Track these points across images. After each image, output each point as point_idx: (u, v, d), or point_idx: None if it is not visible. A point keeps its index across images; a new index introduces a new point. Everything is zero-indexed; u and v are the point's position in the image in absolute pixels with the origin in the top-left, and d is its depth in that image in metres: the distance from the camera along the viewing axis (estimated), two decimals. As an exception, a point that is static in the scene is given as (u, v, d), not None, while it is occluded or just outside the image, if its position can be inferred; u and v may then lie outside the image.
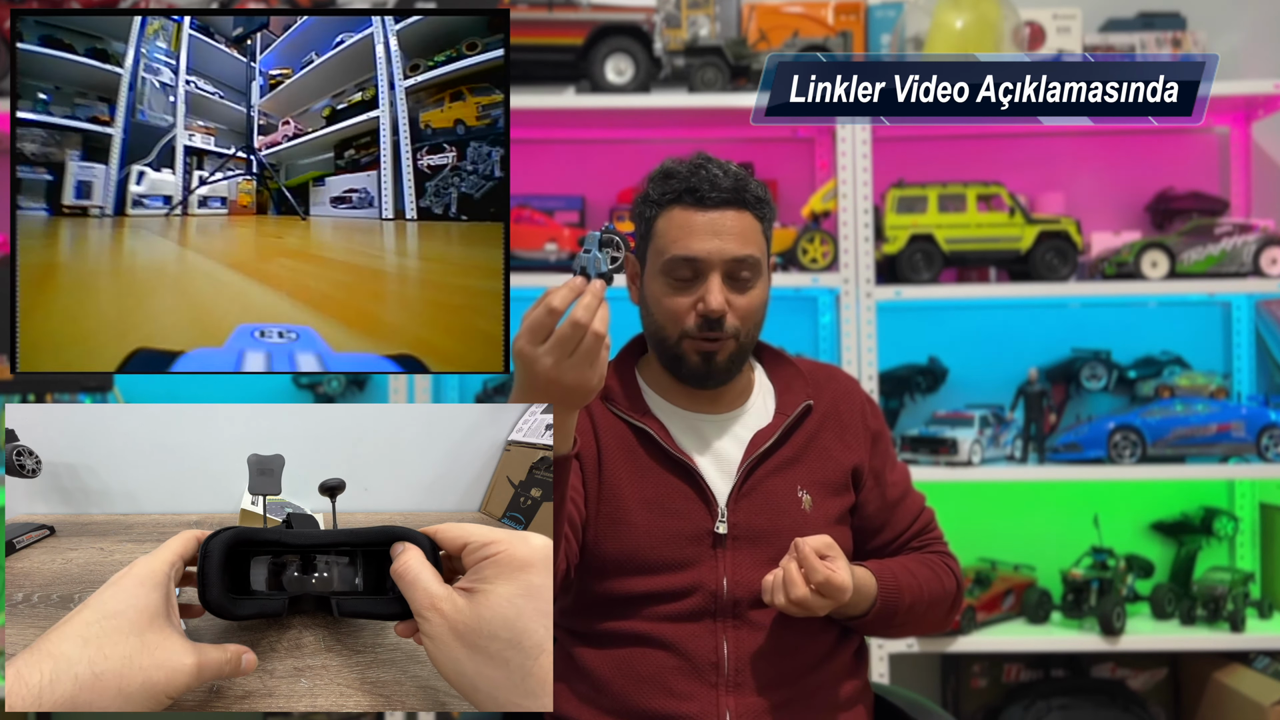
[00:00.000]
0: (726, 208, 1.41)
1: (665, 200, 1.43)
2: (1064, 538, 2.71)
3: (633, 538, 1.40)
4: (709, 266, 1.40)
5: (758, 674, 1.37)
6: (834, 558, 1.33)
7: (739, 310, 1.41)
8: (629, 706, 1.37)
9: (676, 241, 1.41)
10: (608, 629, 1.41)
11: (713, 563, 1.39)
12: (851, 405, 1.53)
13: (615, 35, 2.54)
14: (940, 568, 1.52)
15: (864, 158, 2.51)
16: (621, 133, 2.80)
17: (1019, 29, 2.57)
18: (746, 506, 1.41)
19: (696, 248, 1.39)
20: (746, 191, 1.42)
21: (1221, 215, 2.68)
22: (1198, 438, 2.48)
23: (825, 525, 1.43)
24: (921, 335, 2.78)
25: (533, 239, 2.54)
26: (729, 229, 1.40)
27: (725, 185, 1.41)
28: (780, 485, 1.43)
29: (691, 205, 1.41)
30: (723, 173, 1.42)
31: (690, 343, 1.42)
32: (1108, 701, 2.58)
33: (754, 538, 1.40)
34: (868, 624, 1.44)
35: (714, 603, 1.38)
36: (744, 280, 1.41)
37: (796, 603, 1.30)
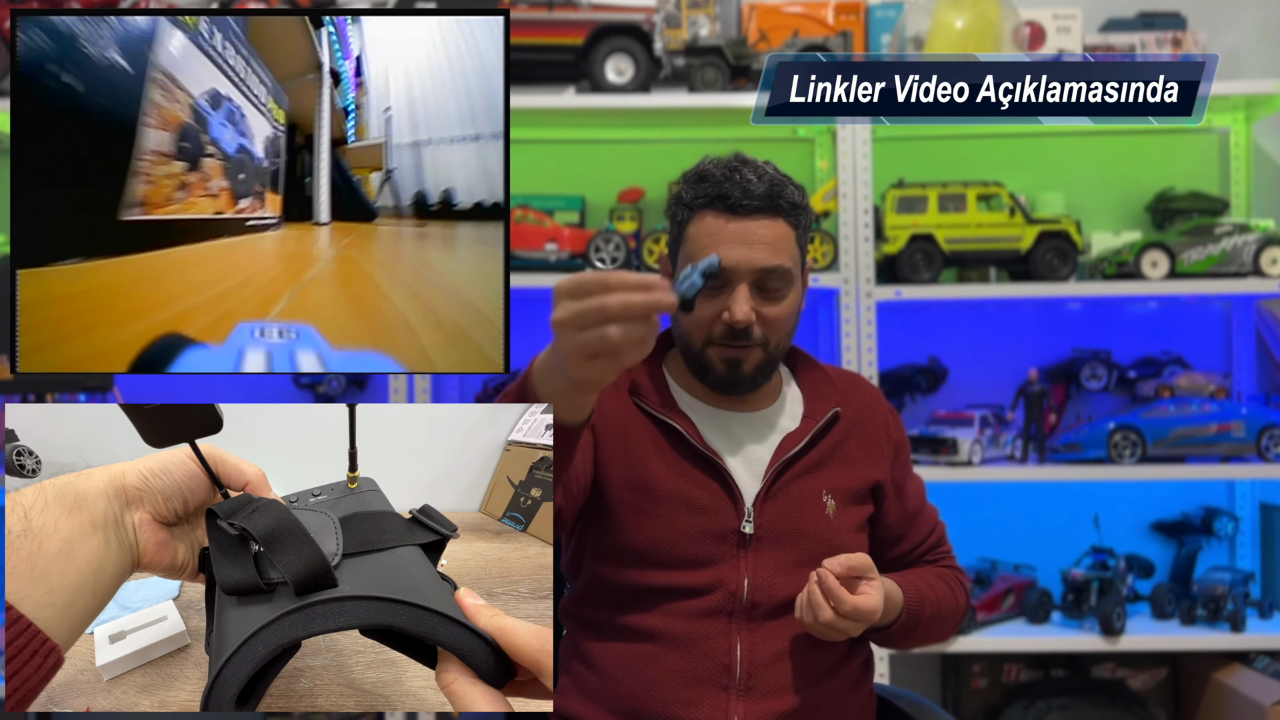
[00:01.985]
0: (759, 215, 1.37)
1: (697, 204, 1.40)
2: (1064, 538, 2.71)
3: (659, 530, 1.38)
4: (737, 276, 1.37)
5: (769, 680, 1.36)
6: (870, 578, 1.32)
7: (767, 320, 1.39)
8: (635, 707, 1.36)
9: (706, 249, 1.38)
10: (621, 623, 1.40)
11: (735, 562, 1.38)
12: (876, 416, 1.52)
13: (615, 35, 2.54)
14: (954, 582, 1.52)
15: (864, 158, 2.51)
16: (621, 133, 2.80)
17: (1019, 29, 2.57)
18: (773, 508, 1.40)
19: (726, 257, 1.37)
20: (781, 198, 1.38)
21: (1221, 215, 2.68)
22: (1198, 438, 2.48)
23: (847, 532, 1.43)
24: (921, 335, 2.78)
25: (533, 239, 2.54)
26: (760, 238, 1.37)
27: (758, 192, 1.37)
28: (806, 489, 1.42)
29: (723, 212, 1.38)
30: (757, 178, 1.38)
31: (716, 350, 1.41)
32: (1108, 701, 2.58)
33: (778, 539, 1.39)
34: (890, 636, 1.43)
35: (732, 603, 1.37)
36: (773, 290, 1.39)
37: (824, 625, 1.29)
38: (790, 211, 1.39)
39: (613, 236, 2.51)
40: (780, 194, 1.38)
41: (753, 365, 1.41)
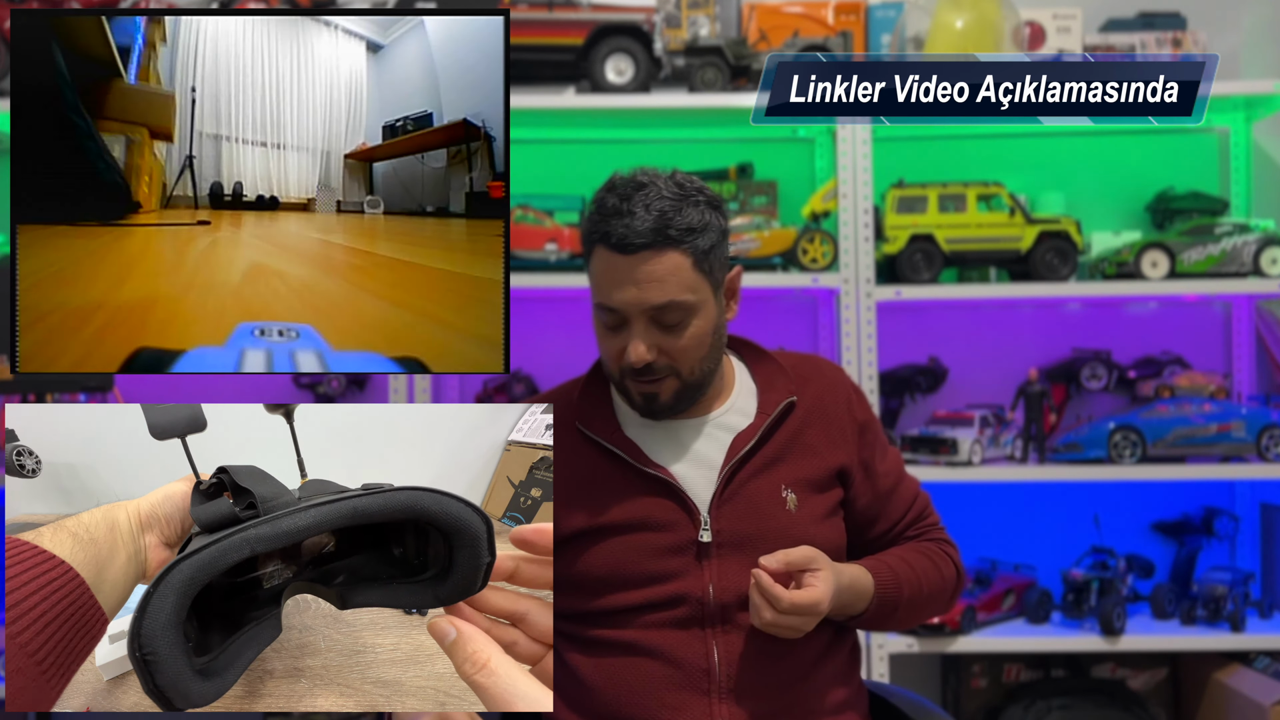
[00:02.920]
0: (647, 250, 1.33)
1: (593, 238, 1.38)
2: (1064, 538, 2.71)
3: (615, 555, 1.39)
4: (629, 316, 1.36)
5: (750, 680, 1.36)
6: (813, 569, 1.31)
7: (672, 352, 1.37)
8: (619, 715, 1.36)
9: (600, 288, 1.38)
10: (598, 636, 1.40)
11: (698, 572, 1.37)
12: (836, 399, 1.50)
13: (615, 35, 2.54)
14: (939, 556, 1.50)
15: (864, 158, 2.51)
16: (621, 133, 2.80)
17: (1019, 29, 2.57)
18: (730, 512, 1.40)
19: (616, 298, 1.35)
20: (670, 228, 1.33)
21: (1221, 215, 2.68)
22: (1198, 438, 2.48)
23: (812, 523, 1.42)
24: (921, 335, 2.78)
25: (533, 239, 2.54)
26: (649, 275, 1.33)
27: (644, 229, 1.32)
28: (764, 487, 1.41)
29: (612, 249, 1.35)
30: (644, 209, 1.33)
31: (631, 383, 1.40)
32: (1108, 701, 2.58)
33: (739, 543, 1.39)
34: (866, 621, 1.43)
35: (702, 610, 1.37)
36: (674, 324, 1.36)
37: (768, 625, 1.30)
38: (683, 239, 1.34)
39: (613, 236, 2.51)
40: (669, 225, 1.33)
41: (669, 394, 1.40)
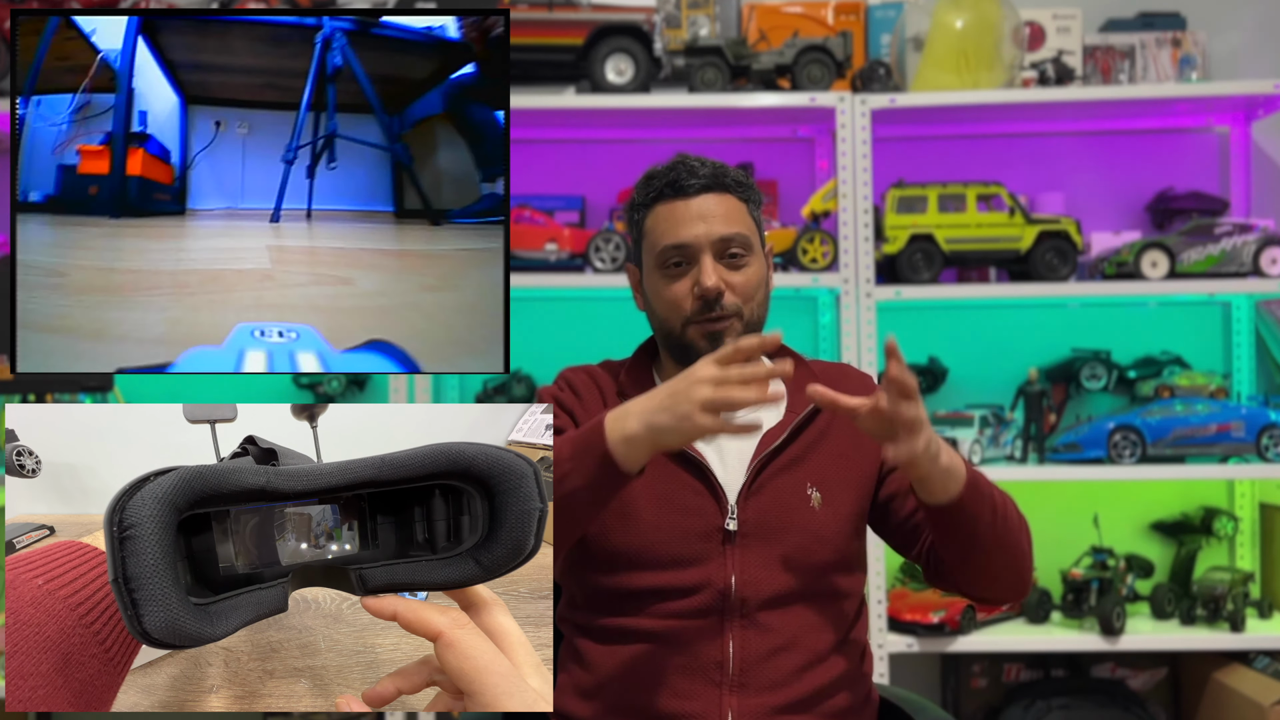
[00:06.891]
0: (707, 193, 1.45)
1: (650, 199, 1.48)
2: (1064, 538, 2.71)
3: (642, 533, 1.40)
4: (699, 249, 1.43)
5: (762, 675, 1.37)
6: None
7: (736, 288, 1.44)
8: (631, 704, 1.38)
9: (665, 233, 1.45)
10: (613, 624, 1.41)
11: (721, 560, 1.39)
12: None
13: (615, 35, 2.54)
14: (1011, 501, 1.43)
15: (864, 158, 2.51)
16: (621, 133, 2.80)
17: (1019, 29, 2.57)
18: (756, 504, 1.41)
19: (684, 234, 1.44)
20: (726, 176, 1.47)
21: (1221, 215, 2.68)
22: (1198, 438, 2.48)
23: (836, 523, 1.43)
24: (921, 335, 2.78)
25: (533, 239, 2.54)
26: (713, 212, 1.45)
27: (703, 173, 1.46)
28: (789, 483, 1.43)
29: (674, 197, 1.46)
30: (700, 163, 1.47)
31: (695, 328, 1.44)
32: (1108, 701, 2.58)
33: (763, 535, 1.40)
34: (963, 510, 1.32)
35: (722, 600, 1.38)
36: (736, 257, 1.44)
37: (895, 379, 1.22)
38: (737, 188, 1.47)
39: (612, 236, 2.51)
40: (725, 174, 1.47)
41: (733, 337, 1.42)
